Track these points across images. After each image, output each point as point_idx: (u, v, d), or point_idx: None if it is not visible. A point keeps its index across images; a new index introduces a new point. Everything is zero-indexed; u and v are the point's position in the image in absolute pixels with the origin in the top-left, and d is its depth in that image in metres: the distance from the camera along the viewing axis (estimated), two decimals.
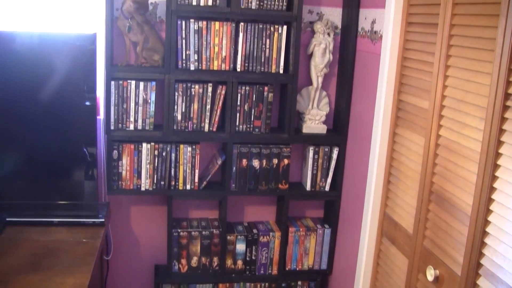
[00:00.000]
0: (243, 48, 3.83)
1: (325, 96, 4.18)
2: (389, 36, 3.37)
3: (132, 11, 3.67)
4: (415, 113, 3.15)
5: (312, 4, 4.12)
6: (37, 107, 3.60)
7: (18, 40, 3.51)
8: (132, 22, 3.73)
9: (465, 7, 2.67)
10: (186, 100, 3.84)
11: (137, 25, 3.75)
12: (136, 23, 3.74)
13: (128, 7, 3.67)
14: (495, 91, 2.38)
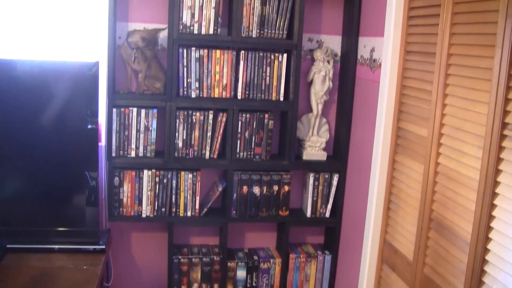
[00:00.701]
0: (243, 76, 3.87)
1: (325, 123, 4.21)
2: (388, 64, 3.41)
3: (140, 46, 3.72)
4: (414, 141, 3.17)
5: (312, 32, 4.17)
6: (39, 134, 3.62)
7: (22, 67, 3.54)
8: (137, 53, 3.77)
9: (462, 37, 2.71)
10: (187, 127, 3.87)
11: (140, 54, 3.79)
12: (140, 53, 3.78)
13: (137, 42, 3.72)
14: (493, 120, 2.41)
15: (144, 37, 3.72)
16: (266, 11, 3.81)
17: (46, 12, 3.86)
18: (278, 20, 3.83)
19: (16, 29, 3.85)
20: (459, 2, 2.74)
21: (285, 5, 3.81)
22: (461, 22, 2.72)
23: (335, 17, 4.19)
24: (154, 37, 3.78)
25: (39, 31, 3.87)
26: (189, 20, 3.74)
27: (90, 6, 3.89)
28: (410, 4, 3.28)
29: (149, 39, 3.73)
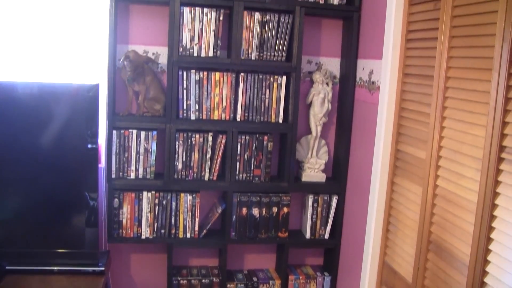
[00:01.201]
0: (243, 98, 3.89)
1: (324, 145, 4.23)
2: (386, 87, 3.43)
3: (128, 69, 3.75)
4: (413, 163, 3.19)
5: (311, 55, 4.20)
6: (39, 156, 3.63)
7: (23, 89, 3.56)
8: (134, 73, 3.80)
9: (459, 60, 2.74)
10: (186, 149, 3.89)
11: (140, 76, 3.81)
12: (138, 74, 3.80)
13: (126, 65, 3.74)
14: (490, 143, 2.43)
15: (131, 59, 3.74)
16: (265, 34, 3.85)
17: (47, 35, 3.89)
18: (277, 43, 3.87)
19: (18, 52, 3.88)
20: (456, 26, 2.77)
21: (284, 28, 3.85)
22: (459, 45, 2.75)
23: (334, 40, 4.22)
24: (139, 61, 3.79)
25: (40, 54, 3.90)
26: (189, 43, 3.77)
27: (91, 28, 3.92)
28: (408, 27, 3.31)
29: (134, 60, 3.75)
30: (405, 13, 3.33)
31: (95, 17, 3.91)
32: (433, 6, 3.01)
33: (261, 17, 3.83)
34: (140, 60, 3.79)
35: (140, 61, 3.79)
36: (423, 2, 3.15)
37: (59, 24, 3.90)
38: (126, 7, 3.93)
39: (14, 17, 3.85)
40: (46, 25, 3.89)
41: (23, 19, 3.86)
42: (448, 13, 2.82)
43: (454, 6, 2.79)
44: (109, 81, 3.75)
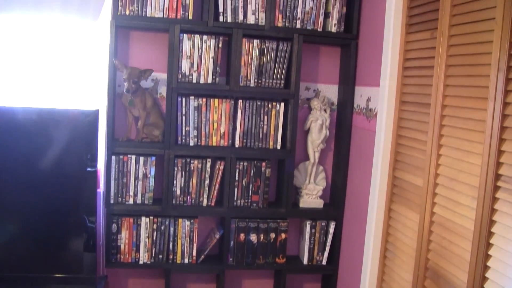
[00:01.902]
0: (241, 124, 3.92)
1: (321, 171, 4.25)
2: (384, 114, 3.46)
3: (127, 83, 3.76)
4: (410, 190, 3.21)
5: (309, 81, 4.24)
6: (38, 179, 3.65)
7: (25, 115, 3.60)
8: (135, 98, 3.83)
9: (455, 89, 2.77)
10: (185, 175, 3.90)
11: (140, 101, 3.84)
12: (139, 99, 3.83)
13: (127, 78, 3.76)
14: (486, 171, 2.45)
15: (130, 73, 3.77)
16: (264, 61, 3.89)
17: (49, 61, 3.93)
18: (275, 70, 3.91)
19: (19, 77, 3.92)
20: (453, 55, 2.80)
21: (282, 55, 3.89)
22: (455, 74, 2.78)
23: (332, 67, 4.27)
24: (138, 77, 3.81)
25: (42, 79, 3.94)
26: (188, 69, 3.81)
27: (92, 54, 3.96)
28: (405, 55, 3.35)
29: (133, 77, 3.77)
30: (402, 41, 3.37)
31: (96, 43, 3.95)
32: (429, 35, 3.05)
33: (260, 44, 3.87)
34: (137, 73, 3.80)
35: (138, 74, 3.80)
36: (420, 31, 3.19)
37: (60, 50, 3.94)
38: (127, 33, 3.98)
39: (15, 43, 3.89)
40: (47, 51, 3.93)
41: (24, 45, 3.90)
42: (445, 42, 2.86)
43: (450, 35, 2.83)
44: (108, 106, 3.78)
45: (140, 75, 3.79)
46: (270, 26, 3.86)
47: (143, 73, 3.81)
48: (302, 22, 3.91)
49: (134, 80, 3.75)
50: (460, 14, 2.76)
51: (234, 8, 3.82)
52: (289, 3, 3.87)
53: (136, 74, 3.77)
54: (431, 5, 3.04)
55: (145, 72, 3.82)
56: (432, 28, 3.01)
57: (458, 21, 2.77)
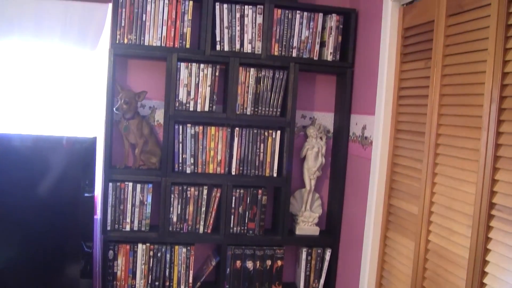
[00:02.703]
0: (238, 152, 3.95)
1: (317, 198, 4.27)
2: (379, 142, 3.49)
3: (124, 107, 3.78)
4: (405, 218, 3.22)
5: (305, 109, 4.27)
6: (36, 206, 3.67)
7: (22, 142, 3.63)
8: (131, 125, 3.86)
9: (449, 118, 2.81)
10: (181, 202, 3.92)
11: (137, 129, 3.87)
12: (136, 126, 3.86)
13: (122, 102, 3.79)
14: (480, 200, 2.47)
15: (125, 99, 3.80)
16: (260, 89, 3.93)
17: (47, 88, 3.98)
18: (272, 98, 3.94)
19: (18, 104, 3.95)
20: (446, 85, 2.84)
21: (278, 84, 3.93)
22: (449, 103, 2.82)
23: (328, 95, 4.31)
24: (133, 100, 3.84)
25: (40, 107, 3.98)
26: (185, 97, 3.84)
27: (89, 83, 4.00)
28: (400, 84, 3.39)
29: (125, 97, 3.80)
30: (397, 70, 3.42)
31: (94, 71, 4.00)
32: (424, 64, 3.09)
33: (256, 73, 3.91)
34: (131, 94, 3.83)
35: (131, 95, 3.82)
36: (414, 60, 3.23)
37: (59, 77, 3.98)
38: (125, 61, 4.02)
39: (14, 69, 3.93)
40: (46, 78, 3.97)
41: (23, 71, 3.94)
42: (438, 71, 2.90)
43: (444, 65, 2.87)
44: (106, 134, 3.80)
45: (134, 97, 3.82)
46: (267, 55, 3.90)
47: (138, 96, 3.84)
48: (298, 51, 3.96)
49: (126, 100, 3.78)
50: (453, 45, 2.81)
51: (231, 37, 3.86)
52: (285, 33, 3.92)
53: (129, 95, 3.80)
54: (425, 35, 3.09)
55: (139, 95, 3.85)
56: (426, 57, 3.06)
57: (451, 51, 2.82)
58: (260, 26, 3.89)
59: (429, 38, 3.02)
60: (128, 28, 3.77)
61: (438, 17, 2.93)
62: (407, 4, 3.35)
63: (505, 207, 2.35)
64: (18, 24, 3.79)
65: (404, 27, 3.36)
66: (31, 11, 3.81)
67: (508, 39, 2.38)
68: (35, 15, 3.81)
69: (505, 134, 2.38)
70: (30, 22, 3.80)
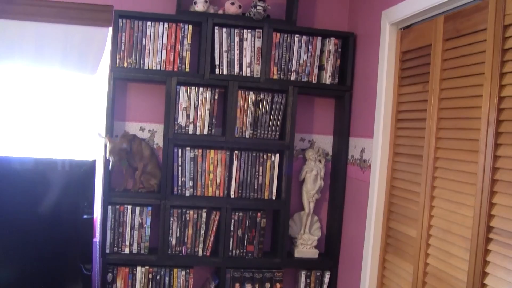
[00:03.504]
0: (237, 175, 3.96)
1: (316, 221, 4.27)
2: (377, 166, 3.51)
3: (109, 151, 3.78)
4: (404, 241, 3.23)
5: (304, 132, 4.29)
6: (35, 229, 3.68)
7: (23, 165, 3.66)
8: (134, 152, 3.87)
9: (447, 141, 2.83)
10: (180, 225, 3.92)
11: (137, 152, 3.88)
12: (135, 149, 3.87)
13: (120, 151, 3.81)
14: (478, 223, 2.48)
15: (116, 157, 3.78)
16: (259, 112, 3.95)
17: (47, 111, 4.01)
18: (270, 121, 3.96)
19: (18, 127, 3.98)
20: (444, 108, 2.86)
21: (277, 107, 3.95)
22: (446, 127, 2.84)
23: (327, 118, 4.33)
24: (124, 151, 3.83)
25: (41, 130, 4.01)
26: (185, 121, 3.86)
27: (89, 106, 4.03)
28: (398, 108, 3.41)
29: (121, 155, 3.80)
30: (395, 93, 3.44)
31: (94, 94, 4.02)
32: (421, 88, 3.11)
33: (255, 96, 3.93)
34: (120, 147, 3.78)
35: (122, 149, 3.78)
36: (412, 84, 3.26)
37: (59, 100, 4.01)
38: (124, 84, 4.04)
39: (15, 92, 3.96)
40: (46, 101, 4.00)
41: (23, 95, 3.97)
42: (436, 95, 2.93)
43: (442, 89, 2.89)
44: (105, 156, 3.81)
45: (125, 148, 3.80)
46: (266, 78, 3.93)
47: (132, 141, 3.85)
48: (297, 74, 3.99)
49: (117, 157, 3.76)
50: (450, 69, 2.84)
51: (230, 61, 3.89)
52: (284, 56, 3.95)
53: (118, 151, 3.76)
54: (423, 58, 3.12)
55: (134, 141, 3.86)
56: (424, 81, 3.08)
57: (448, 75, 2.85)
58: (259, 49, 3.92)
59: (427, 62, 3.05)
60: (128, 52, 3.80)
61: (435, 41, 2.97)
62: (405, 28, 3.39)
63: (503, 230, 2.36)
64: (19, 47, 3.83)
65: (402, 51, 3.39)
66: (32, 34, 3.85)
67: (504, 63, 2.41)
68: (35, 39, 3.85)
69: (502, 158, 2.40)
70: (30, 45, 3.84)
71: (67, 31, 3.89)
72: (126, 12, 3.81)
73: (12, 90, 3.98)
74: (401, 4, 3.31)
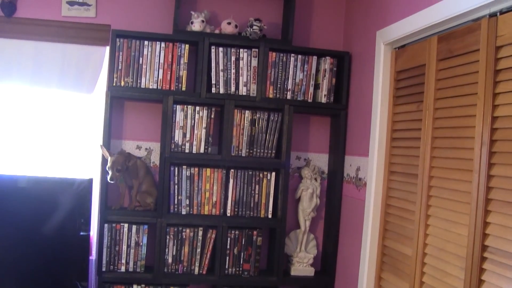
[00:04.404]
0: (233, 193, 3.97)
1: (312, 239, 4.28)
2: (372, 184, 3.53)
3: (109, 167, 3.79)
4: (399, 259, 3.24)
5: (299, 151, 4.31)
6: (32, 246, 3.71)
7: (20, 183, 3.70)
8: (130, 171, 3.89)
9: (441, 160, 2.85)
10: (177, 243, 3.93)
11: (132, 171, 3.90)
12: (131, 168, 3.89)
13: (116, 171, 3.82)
14: (473, 242, 2.50)
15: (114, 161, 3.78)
16: (255, 131, 3.97)
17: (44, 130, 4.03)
18: (266, 140, 3.98)
19: (16, 146, 4.00)
20: (438, 127, 2.89)
21: (273, 126, 3.97)
22: (441, 146, 2.87)
23: (322, 136, 4.35)
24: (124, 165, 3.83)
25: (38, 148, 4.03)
26: (181, 139, 3.88)
27: (86, 124, 4.05)
28: (393, 126, 3.44)
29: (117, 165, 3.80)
30: (390, 112, 3.47)
31: (91, 113, 4.04)
32: (416, 107, 3.14)
33: (251, 115, 3.96)
34: (121, 160, 3.80)
35: (122, 161, 3.80)
36: (406, 103, 3.28)
37: (56, 119, 4.04)
38: (121, 103, 4.06)
39: (12, 112, 3.98)
40: (43, 120, 4.03)
41: (20, 113, 3.99)
42: (430, 114, 2.95)
43: (436, 108, 2.92)
44: (102, 175, 3.83)
45: (124, 162, 3.82)
46: (262, 97, 3.95)
47: (128, 160, 3.86)
48: (292, 93, 4.01)
49: (118, 168, 3.78)
50: (444, 88, 2.87)
51: (227, 80, 3.92)
52: (280, 75, 3.98)
53: (119, 163, 3.79)
54: (417, 78, 3.15)
55: (129, 159, 3.87)
56: (418, 100, 3.11)
57: (442, 94, 2.88)
58: (255, 69, 3.95)
59: (421, 82, 3.08)
60: (125, 71, 3.83)
61: (429, 61, 3.00)
62: (399, 48, 3.42)
63: (497, 249, 2.38)
64: (17, 66, 3.86)
65: (397, 70, 3.42)
66: (30, 53, 3.88)
67: (496, 84, 2.44)
68: (33, 58, 3.88)
69: (496, 177, 2.42)
70: (28, 64, 3.88)
71: (65, 50, 3.93)
72: (123, 31, 3.84)
73: (10, 108, 4.00)
74: (395, 24, 3.35)
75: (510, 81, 2.37)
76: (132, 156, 3.93)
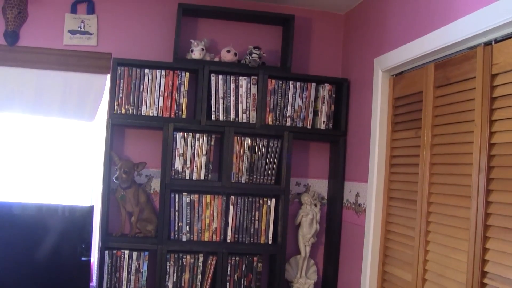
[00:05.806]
0: (233, 220, 3.99)
1: (313, 265, 4.28)
2: (372, 210, 3.54)
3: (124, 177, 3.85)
4: (399, 285, 3.24)
5: (299, 177, 4.33)
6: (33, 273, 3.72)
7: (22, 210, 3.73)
8: (128, 194, 3.91)
9: (440, 186, 2.87)
10: (177, 270, 3.93)
11: (133, 197, 3.92)
12: (132, 195, 3.91)
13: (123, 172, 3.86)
14: (472, 268, 2.51)
15: (123, 164, 3.87)
16: (255, 158, 3.99)
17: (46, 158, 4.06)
18: (266, 166, 4.00)
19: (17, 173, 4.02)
20: (436, 154, 2.91)
21: (273, 152, 4.00)
22: (439, 172, 2.89)
23: (322, 162, 4.38)
24: (132, 170, 3.92)
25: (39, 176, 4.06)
26: (181, 166, 3.91)
27: (87, 152, 4.08)
28: (392, 153, 3.46)
29: (125, 167, 3.86)
30: (388, 138, 3.50)
31: (92, 140, 4.08)
32: (414, 134, 3.17)
33: (251, 142, 3.98)
34: (130, 164, 3.90)
35: (130, 165, 3.89)
36: (405, 130, 3.31)
37: (57, 147, 4.07)
38: (122, 130, 4.09)
39: (14, 139, 4.01)
40: (45, 148, 4.06)
41: (21, 141, 4.02)
42: (428, 141, 2.98)
43: (433, 135, 2.95)
44: (103, 202, 3.84)
45: (133, 167, 3.89)
46: (261, 124, 3.99)
47: (137, 166, 3.91)
48: (292, 120, 4.05)
49: (125, 170, 3.84)
50: (441, 115, 2.90)
51: (226, 107, 3.95)
52: (279, 102, 4.02)
53: (128, 166, 3.86)
54: (415, 105, 3.18)
55: (138, 166, 3.92)
56: (416, 127, 3.14)
57: (440, 121, 2.91)
58: (254, 96, 3.98)
59: (419, 108, 3.12)
60: (125, 98, 3.86)
61: (426, 88, 3.03)
62: (397, 75, 3.46)
63: (497, 275, 2.39)
64: (18, 94, 3.89)
65: (395, 97, 3.46)
66: (31, 81, 3.92)
67: (493, 111, 2.47)
68: (35, 86, 3.92)
69: (494, 204, 2.44)
70: (30, 92, 3.91)
71: (66, 78, 3.97)
72: (124, 60, 3.89)
73: (11, 136, 4.03)
74: (392, 52, 3.39)
75: (506, 108, 2.40)
76: (133, 183, 3.95)
